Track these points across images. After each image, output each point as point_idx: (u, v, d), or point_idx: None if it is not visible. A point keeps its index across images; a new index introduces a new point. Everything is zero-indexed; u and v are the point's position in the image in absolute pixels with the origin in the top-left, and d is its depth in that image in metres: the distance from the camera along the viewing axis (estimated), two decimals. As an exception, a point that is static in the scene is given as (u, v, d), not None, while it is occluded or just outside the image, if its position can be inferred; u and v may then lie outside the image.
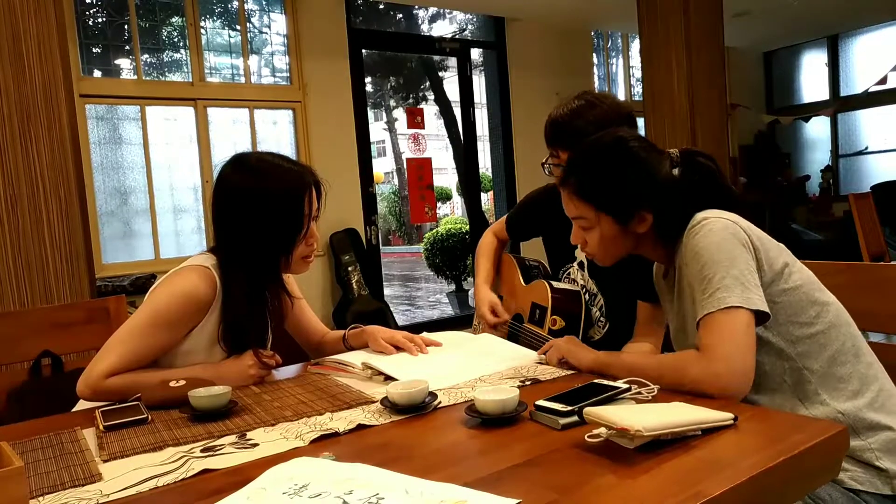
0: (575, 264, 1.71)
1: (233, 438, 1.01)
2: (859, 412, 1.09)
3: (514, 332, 1.73)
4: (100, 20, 4.31)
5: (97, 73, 4.25)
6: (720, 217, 1.13)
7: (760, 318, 1.08)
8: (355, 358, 1.40)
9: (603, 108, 1.50)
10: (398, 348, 1.45)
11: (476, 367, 1.32)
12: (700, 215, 1.16)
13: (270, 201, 1.36)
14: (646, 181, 1.19)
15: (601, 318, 1.64)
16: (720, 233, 1.11)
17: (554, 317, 1.59)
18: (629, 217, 1.20)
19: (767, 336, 1.13)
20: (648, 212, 1.20)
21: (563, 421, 0.95)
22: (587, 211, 1.22)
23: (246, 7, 4.66)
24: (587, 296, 1.65)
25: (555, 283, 1.66)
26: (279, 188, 1.36)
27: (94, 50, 4.24)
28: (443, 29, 10.26)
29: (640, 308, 1.57)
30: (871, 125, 7.82)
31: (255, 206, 1.36)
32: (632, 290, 1.56)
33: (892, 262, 4.21)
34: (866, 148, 7.86)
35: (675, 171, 1.21)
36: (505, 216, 1.96)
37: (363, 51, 5.15)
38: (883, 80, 6.90)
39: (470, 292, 6.98)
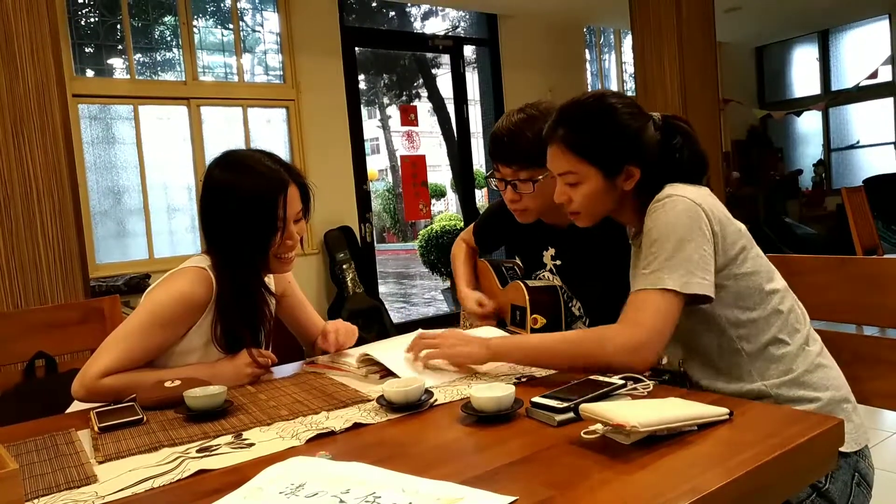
0: (546, 271, 1.69)
1: (229, 438, 1.01)
2: (785, 388, 1.16)
3: None
4: (92, 20, 4.28)
5: (90, 73, 4.22)
6: (684, 196, 1.15)
7: (700, 298, 1.12)
8: (351, 356, 1.40)
9: (545, 123, 1.39)
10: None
11: None
12: (666, 191, 1.18)
13: (243, 200, 1.34)
14: (634, 136, 1.21)
15: (583, 316, 1.64)
16: (680, 214, 1.13)
17: (534, 316, 1.58)
18: (618, 171, 1.22)
19: (713, 314, 1.17)
20: (636, 167, 1.21)
21: (559, 417, 0.95)
22: (577, 164, 1.23)
23: (238, 5, 4.65)
24: (565, 296, 1.64)
25: (530, 283, 1.64)
26: (252, 188, 1.35)
27: (86, 49, 4.21)
28: (435, 26, 10.25)
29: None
30: (862, 119, 7.85)
31: (230, 203, 1.35)
32: (603, 290, 1.56)
33: (885, 256, 4.23)
34: (858, 142, 7.90)
35: (657, 134, 1.24)
36: (473, 224, 1.94)
37: (356, 48, 5.14)
38: (874, 75, 6.93)
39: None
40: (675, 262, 1.10)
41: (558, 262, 1.65)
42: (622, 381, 1.05)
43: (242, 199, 1.34)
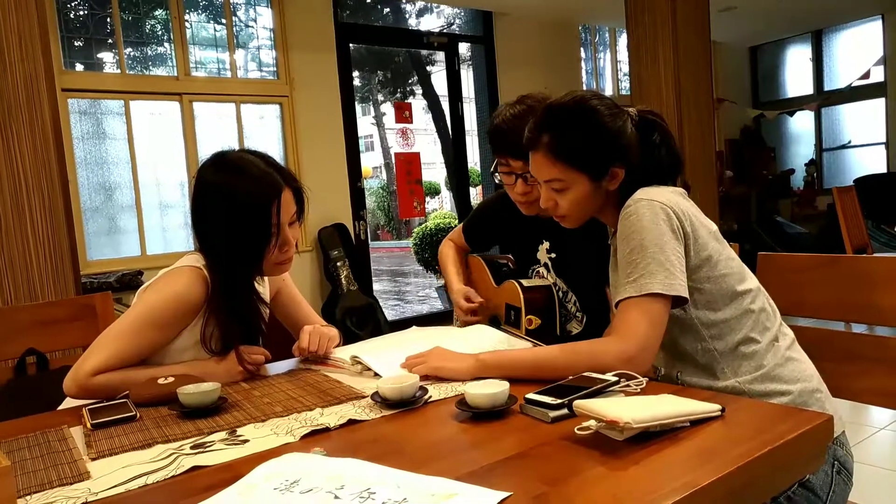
0: (541, 266, 1.69)
1: (223, 435, 1.01)
2: (757, 383, 1.17)
3: None
4: (81, 13, 4.25)
5: (79, 67, 4.19)
6: (653, 200, 1.15)
7: (680, 301, 1.14)
8: (345, 353, 1.40)
9: None
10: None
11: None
12: (637, 195, 1.18)
13: (238, 206, 1.32)
14: (616, 136, 1.22)
15: (577, 313, 1.64)
16: (654, 217, 1.13)
17: (529, 316, 1.58)
18: (604, 173, 1.22)
19: (686, 317, 1.19)
20: (620, 167, 1.22)
21: (552, 414, 0.95)
22: (563, 171, 1.22)
23: (231, 0, 4.62)
24: (560, 293, 1.64)
25: (525, 282, 1.63)
26: (246, 194, 1.32)
27: (76, 43, 4.18)
28: (430, 23, 10.24)
29: (609, 295, 1.56)
30: (854, 119, 7.90)
31: (224, 208, 1.33)
32: (598, 281, 1.56)
33: (875, 255, 4.26)
34: (849, 142, 7.95)
35: (635, 131, 1.25)
36: (461, 225, 1.92)
37: (350, 45, 5.12)
38: (866, 75, 6.98)
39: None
40: (655, 267, 1.11)
41: (553, 255, 1.66)
42: (615, 378, 1.05)
43: (236, 205, 1.32)
